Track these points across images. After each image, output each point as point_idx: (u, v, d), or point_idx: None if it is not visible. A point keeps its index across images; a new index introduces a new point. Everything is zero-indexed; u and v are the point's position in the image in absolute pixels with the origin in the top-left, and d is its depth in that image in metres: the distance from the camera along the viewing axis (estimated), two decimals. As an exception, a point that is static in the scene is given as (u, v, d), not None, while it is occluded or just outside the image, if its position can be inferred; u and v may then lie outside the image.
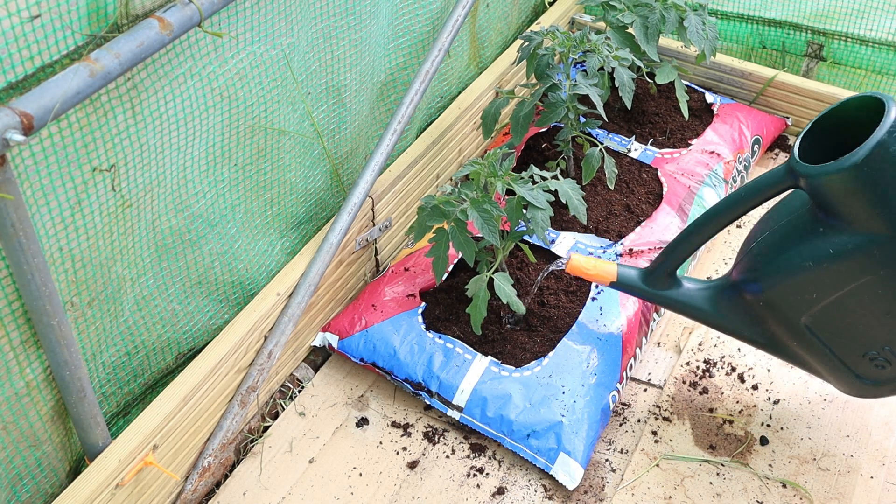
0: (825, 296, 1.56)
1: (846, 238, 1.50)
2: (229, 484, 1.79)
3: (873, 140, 1.41)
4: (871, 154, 1.41)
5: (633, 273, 1.82)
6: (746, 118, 2.46)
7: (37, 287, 1.28)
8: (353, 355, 1.95)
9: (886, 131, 1.41)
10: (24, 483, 1.48)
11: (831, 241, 1.51)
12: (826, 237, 1.52)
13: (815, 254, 1.53)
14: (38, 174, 1.25)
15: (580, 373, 1.85)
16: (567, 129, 2.14)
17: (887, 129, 1.41)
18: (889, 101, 1.44)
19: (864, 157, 1.41)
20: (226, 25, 1.50)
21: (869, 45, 2.61)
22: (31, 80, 1.18)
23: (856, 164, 1.41)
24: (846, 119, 1.52)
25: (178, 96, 1.45)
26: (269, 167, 1.77)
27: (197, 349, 1.79)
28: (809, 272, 1.54)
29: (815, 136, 1.55)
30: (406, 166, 2.13)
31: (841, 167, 1.43)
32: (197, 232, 1.66)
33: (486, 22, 2.44)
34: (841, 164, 1.43)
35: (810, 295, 1.57)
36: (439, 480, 1.80)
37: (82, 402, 1.46)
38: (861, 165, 1.41)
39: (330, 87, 1.87)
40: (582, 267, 1.83)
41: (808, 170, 1.48)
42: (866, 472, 1.80)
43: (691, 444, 1.86)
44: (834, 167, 1.44)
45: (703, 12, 2.29)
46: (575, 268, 1.84)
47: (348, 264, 2.04)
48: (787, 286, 1.59)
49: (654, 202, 2.23)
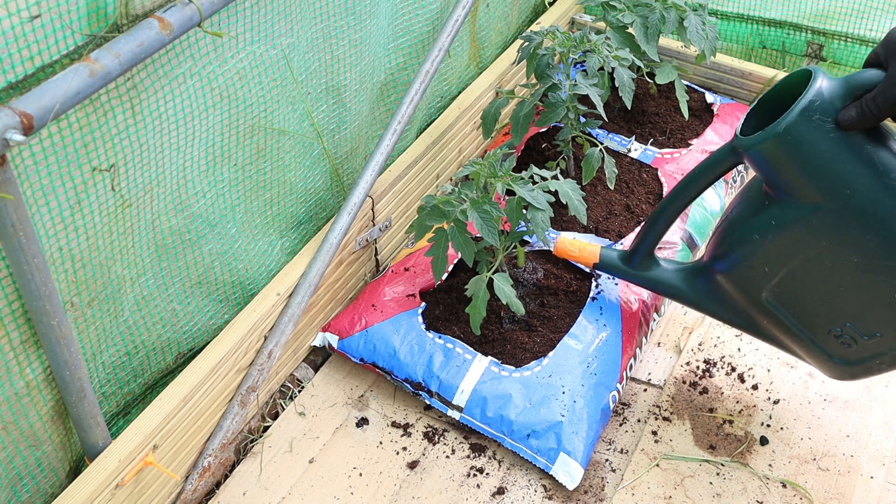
0: (777, 269, 1.59)
1: (787, 210, 1.54)
2: (229, 484, 1.79)
3: (797, 108, 1.44)
4: (795, 121, 1.44)
5: (615, 255, 1.90)
6: (746, 118, 2.46)
7: (37, 287, 1.28)
8: (353, 355, 1.95)
9: (809, 100, 1.44)
10: (24, 483, 1.49)
11: (774, 214, 1.56)
12: (770, 210, 1.57)
13: (761, 226, 1.58)
14: (38, 174, 1.25)
15: (580, 373, 1.85)
16: (567, 129, 2.14)
17: (810, 98, 1.44)
18: (817, 72, 1.47)
19: (787, 125, 1.44)
20: (226, 25, 1.50)
21: (869, 45, 2.61)
22: (31, 80, 1.18)
23: (779, 133, 1.45)
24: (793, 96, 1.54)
25: (177, 96, 1.45)
26: (269, 167, 1.77)
27: (197, 349, 1.79)
28: (758, 245, 1.59)
29: (763, 115, 1.58)
30: (406, 166, 2.13)
31: (767, 136, 1.47)
32: (197, 232, 1.66)
33: (486, 22, 2.44)
34: (767, 132, 1.47)
35: (763, 269, 1.61)
36: (439, 480, 1.80)
37: (82, 402, 1.46)
38: (785, 133, 1.45)
39: (330, 87, 1.87)
40: (567, 249, 1.94)
41: (742, 141, 1.53)
42: (866, 472, 1.80)
43: (691, 444, 1.86)
44: (761, 136, 1.48)
45: (703, 12, 2.29)
46: (560, 250, 1.94)
47: (348, 264, 2.04)
48: (741, 261, 1.64)
49: (654, 202, 2.23)
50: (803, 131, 1.44)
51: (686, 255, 2.12)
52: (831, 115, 1.43)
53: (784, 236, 1.56)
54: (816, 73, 1.47)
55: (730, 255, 1.66)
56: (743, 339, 2.05)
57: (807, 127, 1.44)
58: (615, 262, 1.90)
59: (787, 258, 1.57)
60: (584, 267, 2.02)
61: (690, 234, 2.16)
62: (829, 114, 1.43)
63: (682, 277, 1.83)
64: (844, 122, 1.42)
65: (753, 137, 1.51)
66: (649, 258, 1.85)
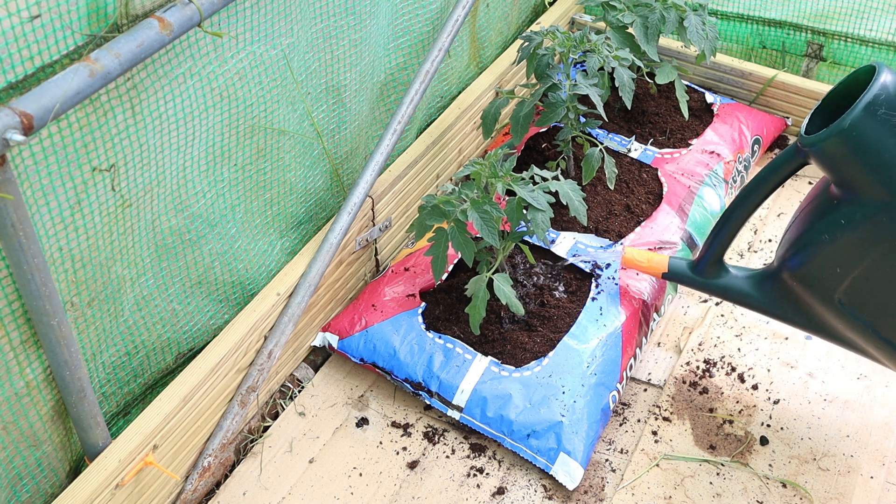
0: (849, 269, 1.58)
1: (856, 208, 1.53)
2: (229, 484, 1.79)
3: (861, 103, 1.44)
4: (859, 117, 1.44)
5: (684, 264, 1.88)
6: (746, 118, 2.46)
7: (37, 287, 1.28)
8: (353, 355, 1.95)
9: (874, 94, 1.43)
10: (24, 483, 1.48)
11: (843, 213, 1.55)
12: (838, 210, 1.56)
13: (830, 227, 1.57)
14: (38, 174, 1.25)
15: (580, 373, 1.85)
16: (567, 129, 2.14)
17: (875, 92, 1.44)
18: (881, 67, 1.47)
19: (852, 121, 1.44)
20: (226, 25, 1.50)
21: (869, 45, 2.61)
22: (31, 80, 1.18)
23: (844, 129, 1.45)
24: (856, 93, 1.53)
25: (177, 96, 1.45)
26: (269, 167, 1.77)
27: (197, 349, 1.79)
28: (828, 246, 1.58)
29: (827, 113, 1.58)
30: (406, 166, 2.13)
31: (831, 133, 1.47)
32: (197, 232, 1.66)
33: (486, 22, 2.44)
34: (832, 129, 1.47)
35: (835, 270, 1.59)
36: (439, 480, 1.80)
37: (82, 402, 1.46)
38: (850, 129, 1.44)
39: (330, 87, 1.87)
40: (636, 260, 1.92)
41: (807, 140, 1.52)
42: (866, 472, 1.80)
43: (691, 444, 1.86)
44: (826, 133, 1.48)
45: (703, 12, 2.29)
46: (629, 261, 1.92)
47: (348, 264, 2.04)
48: (813, 263, 1.62)
49: (654, 202, 2.23)
50: (869, 126, 1.44)
51: (686, 254, 2.12)
52: None
53: (854, 235, 1.54)
54: (881, 67, 1.46)
55: (800, 257, 1.64)
56: (743, 339, 2.05)
57: (872, 122, 1.43)
58: (684, 270, 1.87)
59: (859, 258, 1.56)
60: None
61: (690, 234, 2.16)
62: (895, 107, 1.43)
63: (753, 283, 1.80)
64: None
65: (818, 135, 1.49)
66: (717, 265, 1.83)
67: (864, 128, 1.44)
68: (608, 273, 2.02)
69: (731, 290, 1.83)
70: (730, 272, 1.84)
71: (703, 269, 1.84)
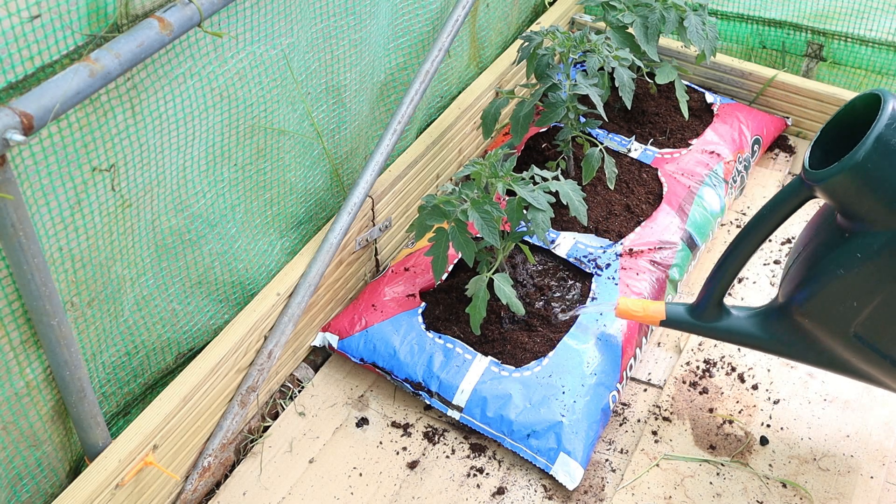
0: (866, 302, 1.53)
1: (870, 239, 1.48)
2: (229, 484, 1.79)
3: (872, 135, 1.39)
4: (872, 149, 1.39)
5: (682, 309, 1.78)
6: (746, 118, 2.46)
7: (37, 287, 1.28)
8: (353, 355, 1.95)
9: (884, 125, 1.39)
10: (24, 483, 1.48)
11: (857, 245, 1.49)
12: (852, 242, 1.50)
13: (844, 261, 1.51)
14: (38, 174, 1.25)
15: (580, 373, 1.85)
16: (567, 129, 2.14)
17: (885, 122, 1.39)
18: (886, 95, 1.42)
19: (865, 154, 1.39)
20: (226, 25, 1.50)
21: (869, 45, 2.61)
22: (31, 80, 1.18)
23: (858, 162, 1.40)
24: (855, 120, 1.50)
25: (177, 96, 1.45)
26: (269, 167, 1.77)
27: (197, 349, 1.79)
28: (843, 280, 1.52)
29: (827, 143, 1.53)
30: (406, 166, 2.13)
31: (844, 167, 1.42)
32: (197, 232, 1.66)
33: (486, 22, 2.44)
34: (843, 164, 1.42)
35: (851, 303, 1.54)
36: (439, 480, 1.80)
37: (82, 402, 1.46)
38: (864, 162, 1.40)
39: (330, 87, 1.87)
40: (630, 310, 1.80)
41: (816, 175, 1.47)
42: (866, 472, 1.80)
43: (691, 444, 1.86)
44: (837, 168, 1.42)
45: (703, 12, 2.29)
46: (623, 311, 1.81)
47: (348, 264, 2.04)
48: (826, 298, 1.56)
49: (654, 202, 2.23)
50: (881, 157, 1.39)
51: (686, 254, 2.12)
52: None
53: (871, 267, 1.49)
54: (886, 95, 1.41)
55: (812, 293, 1.58)
56: (743, 339, 2.05)
57: (885, 152, 1.39)
58: (683, 316, 1.77)
59: (877, 289, 1.51)
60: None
61: (690, 234, 2.16)
62: None
63: (757, 323, 1.72)
64: None
65: (829, 170, 1.44)
66: (718, 308, 1.74)
67: (877, 160, 1.39)
68: (608, 273, 2.02)
69: (734, 333, 1.74)
70: (731, 314, 1.75)
71: (702, 313, 1.75)
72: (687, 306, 1.78)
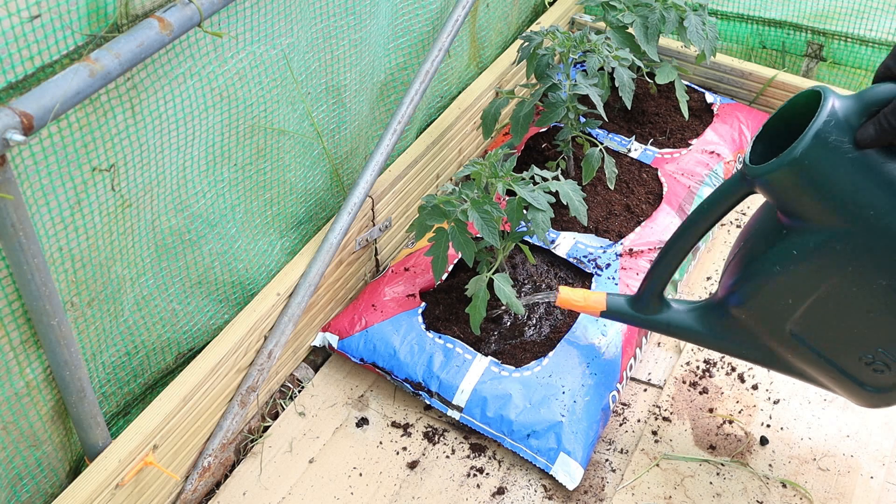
0: (802, 300, 1.52)
1: (807, 237, 1.47)
2: (229, 484, 1.79)
3: (810, 132, 1.38)
4: (810, 146, 1.38)
5: (622, 300, 1.78)
6: (746, 118, 2.46)
7: (37, 287, 1.28)
8: (353, 355, 1.95)
9: (823, 121, 1.37)
10: (24, 483, 1.49)
11: (794, 243, 1.48)
12: (789, 239, 1.49)
13: (781, 258, 1.50)
14: (38, 174, 1.25)
15: (580, 373, 1.85)
16: (567, 129, 2.14)
17: (823, 119, 1.37)
18: (826, 92, 1.41)
19: (803, 150, 1.38)
20: (226, 25, 1.50)
21: (869, 45, 2.61)
22: (31, 80, 1.18)
23: (795, 158, 1.38)
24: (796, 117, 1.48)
25: (177, 96, 1.45)
26: (269, 167, 1.77)
27: (197, 349, 1.79)
28: (780, 277, 1.51)
29: (770, 139, 1.52)
30: (406, 166, 2.13)
31: (782, 163, 1.40)
32: (197, 232, 1.66)
33: (486, 22, 2.44)
34: (782, 159, 1.40)
35: (787, 301, 1.53)
36: (439, 480, 1.80)
37: (82, 402, 1.46)
38: (801, 159, 1.38)
39: (330, 87, 1.87)
40: (571, 299, 1.81)
41: (754, 170, 1.46)
42: (866, 472, 1.80)
43: (691, 444, 1.86)
44: (776, 164, 1.41)
45: (703, 12, 2.29)
46: (564, 300, 1.81)
47: (348, 264, 2.04)
48: (763, 295, 1.56)
49: (654, 202, 2.23)
50: (820, 154, 1.38)
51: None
52: (848, 134, 1.37)
53: (807, 265, 1.48)
54: (826, 92, 1.40)
55: (749, 289, 1.57)
56: (743, 339, 2.05)
57: (823, 149, 1.37)
58: (623, 307, 1.77)
59: (812, 287, 1.50)
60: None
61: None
62: (846, 133, 1.37)
63: (696, 317, 1.72)
64: (863, 141, 1.36)
65: (767, 165, 1.43)
66: (658, 300, 1.74)
67: (815, 156, 1.38)
68: (608, 273, 2.02)
69: (673, 326, 1.74)
70: (671, 307, 1.75)
71: (643, 306, 1.75)
72: (628, 298, 1.78)
